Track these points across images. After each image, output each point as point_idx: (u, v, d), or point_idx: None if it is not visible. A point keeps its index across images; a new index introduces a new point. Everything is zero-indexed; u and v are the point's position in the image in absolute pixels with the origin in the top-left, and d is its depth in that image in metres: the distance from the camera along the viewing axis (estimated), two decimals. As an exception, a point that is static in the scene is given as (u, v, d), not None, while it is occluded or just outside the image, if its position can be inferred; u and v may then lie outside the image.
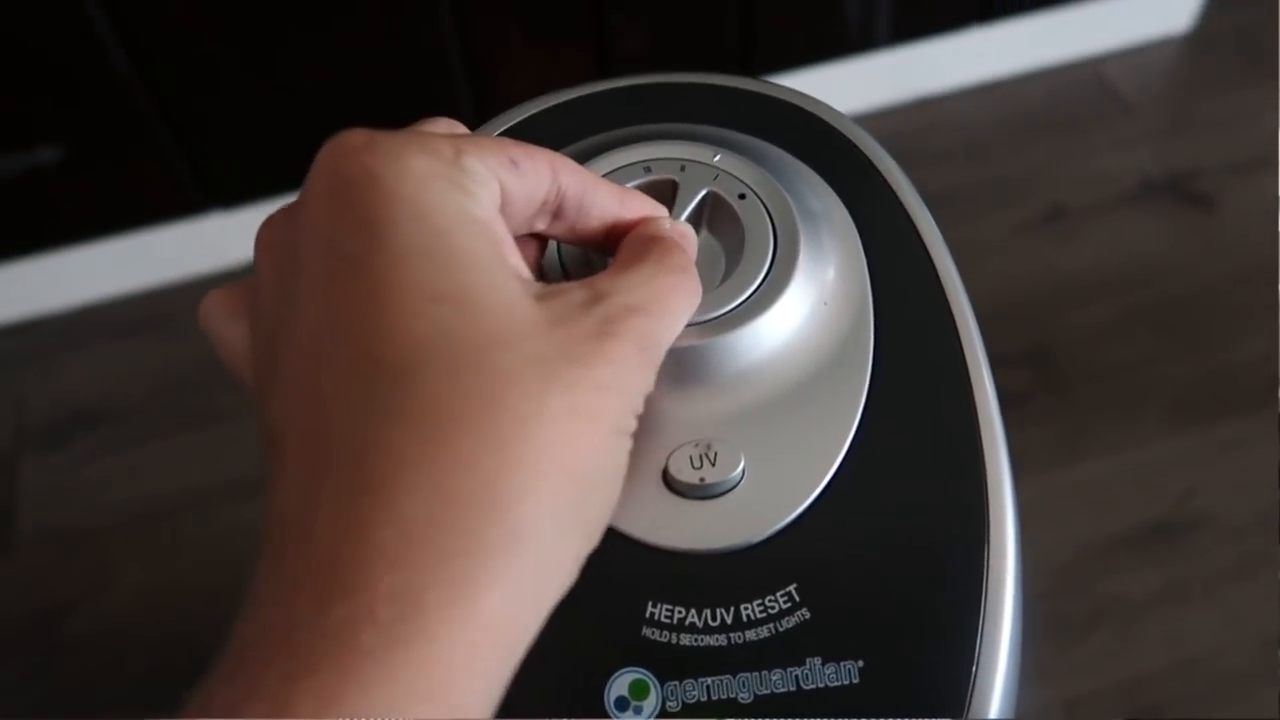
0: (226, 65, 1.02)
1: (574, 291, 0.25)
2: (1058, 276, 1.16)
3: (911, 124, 1.29)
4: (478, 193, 0.25)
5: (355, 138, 0.25)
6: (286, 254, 0.25)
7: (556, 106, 0.38)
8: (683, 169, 0.32)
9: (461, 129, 0.29)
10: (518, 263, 0.25)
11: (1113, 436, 1.05)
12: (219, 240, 1.15)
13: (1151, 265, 1.16)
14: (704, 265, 0.31)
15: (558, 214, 0.28)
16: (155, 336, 1.16)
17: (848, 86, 1.25)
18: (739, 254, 0.31)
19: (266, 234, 0.26)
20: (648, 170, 0.32)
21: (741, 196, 0.32)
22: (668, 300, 0.26)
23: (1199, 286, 1.14)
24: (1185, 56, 1.36)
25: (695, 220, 0.32)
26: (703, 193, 0.32)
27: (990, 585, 0.27)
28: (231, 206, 1.13)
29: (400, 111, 1.11)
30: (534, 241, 0.30)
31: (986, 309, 0.33)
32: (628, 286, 0.26)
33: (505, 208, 0.26)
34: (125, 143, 1.04)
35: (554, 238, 0.30)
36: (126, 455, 1.09)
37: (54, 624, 1.00)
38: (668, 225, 0.29)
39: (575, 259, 0.31)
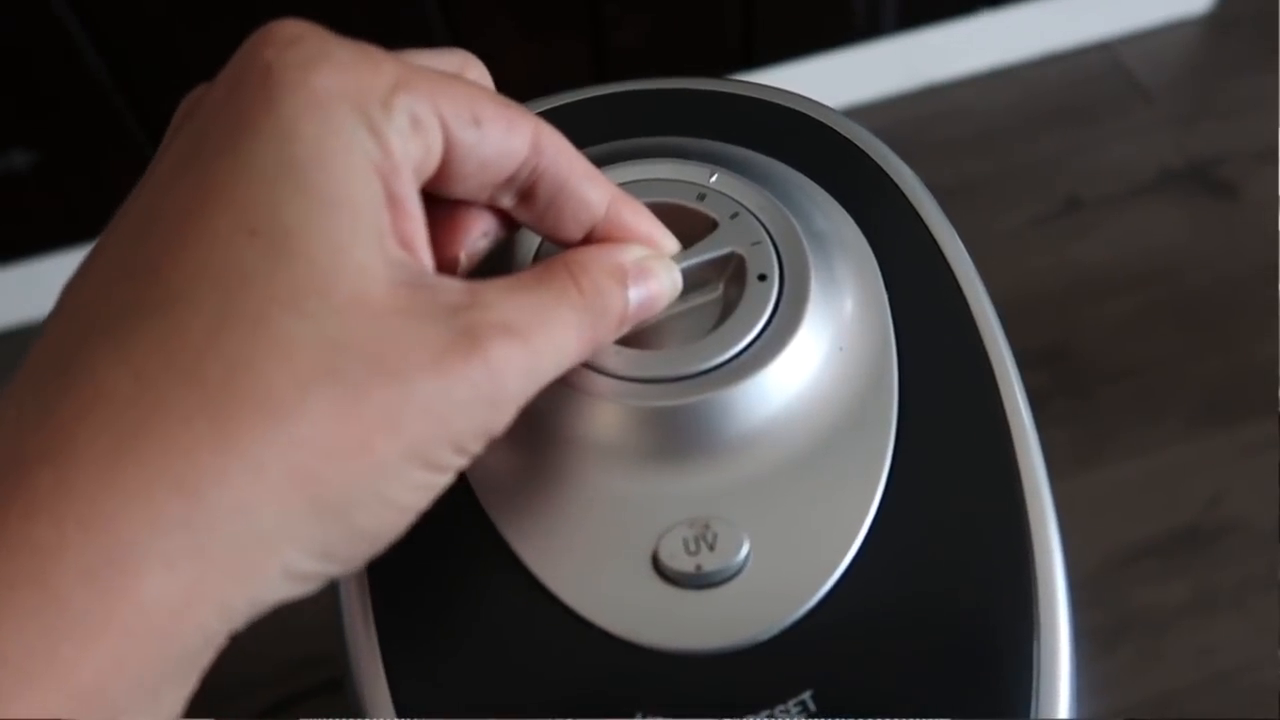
0: (203, 64, 0.98)
1: (448, 289, 0.21)
2: (1075, 270, 1.12)
3: (920, 113, 1.25)
4: (389, 138, 0.20)
5: (286, 30, 0.21)
6: (173, 129, 0.23)
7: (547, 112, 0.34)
8: (734, 216, 0.27)
9: (477, 69, 0.24)
10: (413, 233, 0.21)
11: (1135, 439, 1.00)
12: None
13: (1173, 258, 1.12)
14: (698, 304, 0.27)
15: (526, 196, 0.24)
16: (138, 346, 1.12)
17: (853, 75, 1.21)
18: (739, 291, 0.26)
19: (183, 104, 0.23)
20: (701, 197, 0.28)
21: (734, 216, 0.27)
22: (554, 333, 0.22)
23: (1223, 279, 1.10)
24: (1204, 39, 1.31)
25: (711, 273, 0.27)
26: (726, 250, 0.27)
27: (1041, 688, 0.23)
28: (214, 210, 1.09)
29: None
30: (490, 215, 0.25)
31: (1001, 305, 0.29)
32: (514, 305, 0.21)
33: (451, 167, 0.22)
34: (101, 146, 1.00)
35: (521, 223, 0.25)
36: (110, 470, 1.05)
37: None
38: (632, 256, 0.25)
39: None
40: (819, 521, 0.25)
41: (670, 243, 0.26)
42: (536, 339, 0.21)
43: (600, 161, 0.29)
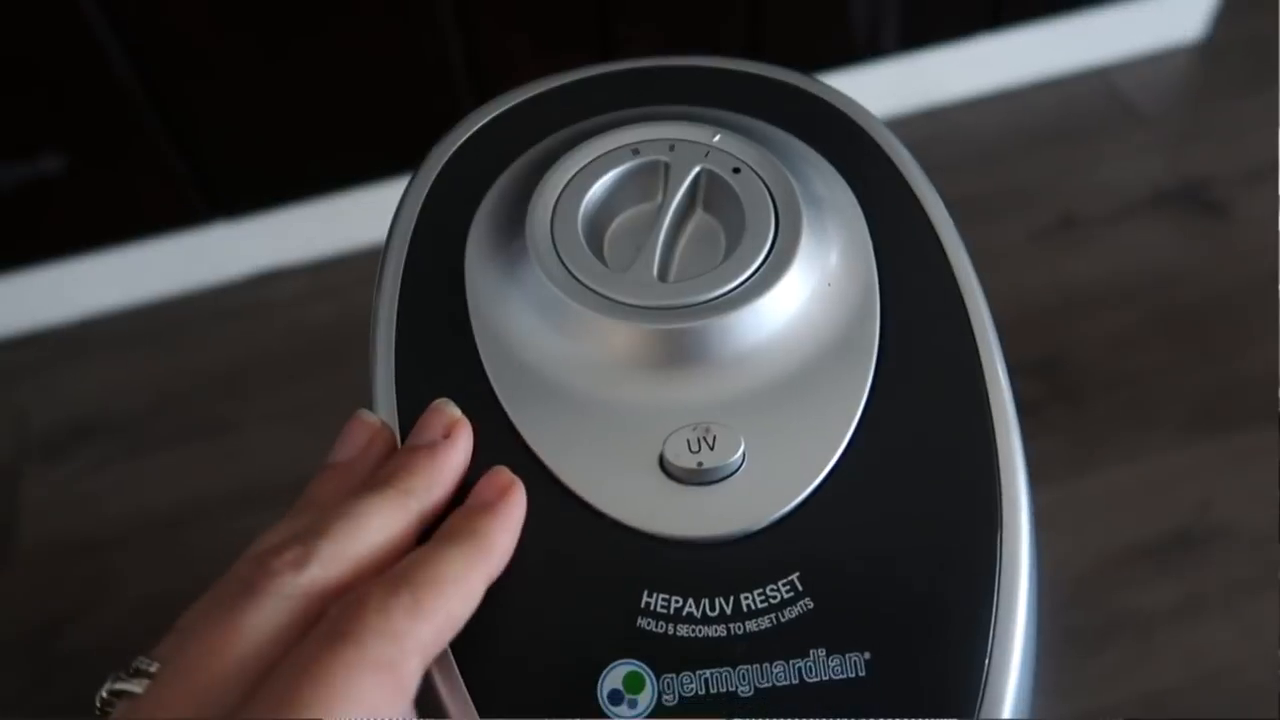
0: (228, 73, 1.01)
1: None
2: (1070, 286, 1.15)
3: (920, 133, 1.28)
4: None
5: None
6: None
7: (553, 90, 0.37)
8: (672, 148, 0.31)
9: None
10: None
11: (1127, 446, 1.03)
12: (222, 250, 1.15)
13: (1165, 274, 1.15)
14: (703, 243, 0.30)
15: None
16: (157, 348, 1.15)
17: (855, 95, 1.23)
18: (739, 232, 0.30)
19: None
20: (636, 153, 0.31)
21: (736, 170, 0.31)
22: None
23: (1213, 295, 1.12)
24: (1197, 65, 1.34)
25: (688, 201, 0.31)
26: (695, 170, 0.31)
27: (1004, 574, 0.26)
28: (235, 216, 1.12)
29: (403, 116, 1.09)
30: None
31: (998, 319, 0.31)
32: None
33: None
34: (126, 152, 1.03)
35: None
36: (128, 467, 1.08)
37: (54, 638, 0.98)
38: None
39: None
40: (807, 429, 0.28)
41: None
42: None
43: (618, 124, 0.32)
